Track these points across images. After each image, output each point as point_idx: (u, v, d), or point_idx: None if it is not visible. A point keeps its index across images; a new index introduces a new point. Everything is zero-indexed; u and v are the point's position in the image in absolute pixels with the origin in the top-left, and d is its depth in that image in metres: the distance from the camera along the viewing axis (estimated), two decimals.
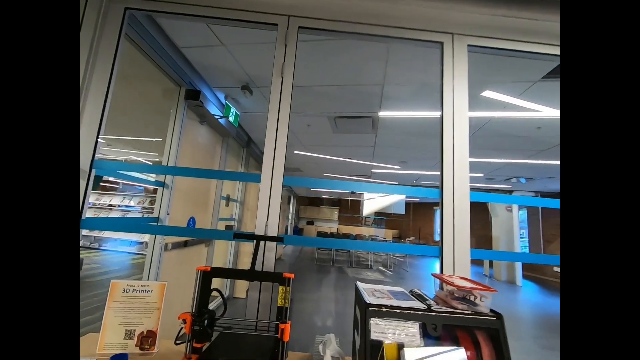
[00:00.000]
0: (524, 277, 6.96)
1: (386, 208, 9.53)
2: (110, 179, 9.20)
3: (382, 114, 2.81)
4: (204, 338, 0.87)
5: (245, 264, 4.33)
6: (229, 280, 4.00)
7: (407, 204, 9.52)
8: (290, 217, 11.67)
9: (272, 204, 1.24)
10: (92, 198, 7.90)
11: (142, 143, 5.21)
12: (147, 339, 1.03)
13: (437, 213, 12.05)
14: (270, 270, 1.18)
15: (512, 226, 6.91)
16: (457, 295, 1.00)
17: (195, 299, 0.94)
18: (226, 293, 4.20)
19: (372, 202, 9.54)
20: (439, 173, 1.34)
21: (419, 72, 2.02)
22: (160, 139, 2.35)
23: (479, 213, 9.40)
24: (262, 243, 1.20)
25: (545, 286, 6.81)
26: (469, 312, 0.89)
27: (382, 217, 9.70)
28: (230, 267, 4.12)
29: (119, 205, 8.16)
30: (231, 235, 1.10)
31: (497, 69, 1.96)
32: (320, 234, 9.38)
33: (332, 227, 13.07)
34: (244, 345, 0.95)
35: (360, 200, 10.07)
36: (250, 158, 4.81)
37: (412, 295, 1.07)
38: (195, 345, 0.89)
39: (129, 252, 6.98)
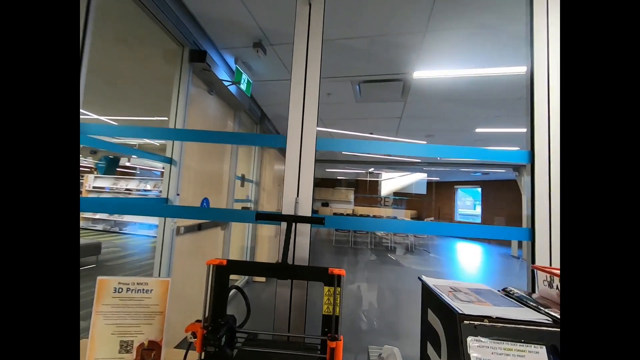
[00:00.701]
0: None
1: (406, 188, 9.12)
2: (127, 163, 9.23)
3: (418, 74, 2.39)
4: None
5: (263, 249, 4.15)
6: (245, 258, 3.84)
7: (428, 184, 9.06)
8: None
9: (303, 175, 0.94)
10: (108, 183, 7.95)
11: (154, 124, 5.00)
12: (149, 352, 0.78)
13: (459, 192, 11.54)
14: (303, 263, 0.90)
15: None
16: None
17: (207, 305, 0.67)
18: (243, 277, 4.05)
19: (391, 182, 9.15)
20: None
21: (477, 7, 1.59)
22: (167, 119, 2.07)
23: (508, 191, 8.85)
24: (294, 226, 0.90)
25: None
26: None
27: (403, 197, 9.33)
28: (248, 253, 3.95)
29: (136, 190, 8.20)
30: (253, 216, 0.81)
31: None
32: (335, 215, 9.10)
33: (348, 209, 12.85)
34: None
35: (378, 181, 9.70)
36: None
37: (508, 296, 0.76)
38: None
39: (148, 236, 7.04)
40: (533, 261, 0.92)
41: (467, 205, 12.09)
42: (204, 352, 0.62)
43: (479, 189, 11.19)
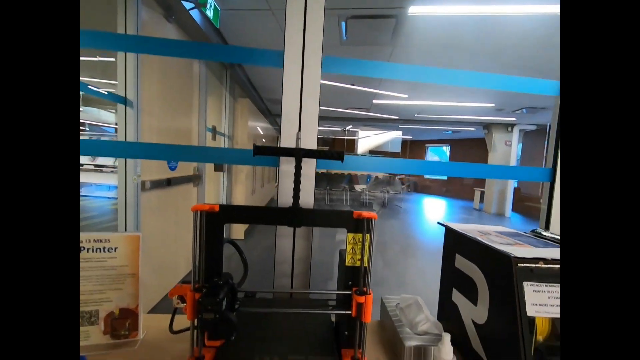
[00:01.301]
0: (514, 209, 7.21)
1: (381, 146, 9.19)
2: None
3: (414, 9, 2.12)
4: (226, 332, 0.47)
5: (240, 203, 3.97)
6: None
7: (402, 142, 9.21)
8: None
9: (306, 104, 0.74)
10: None
11: (95, 65, 4.21)
12: (121, 322, 0.63)
13: (429, 150, 11.95)
14: (309, 207, 0.75)
15: (509, 160, 6.86)
16: None
17: (197, 262, 0.51)
18: None
19: (367, 141, 9.13)
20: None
21: None
22: (113, 59, 1.64)
23: (476, 148, 9.29)
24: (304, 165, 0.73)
25: (530, 216, 7.15)
26: None
27: (378, 156, 9.44)
28: None
29: None
30: (248, 153, 0.62)
31: None
32: None
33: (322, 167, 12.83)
34: (291, 332, 0.57)
35: (354, 139, 9.62)
36: (236, 86, 4.03)
37: (539, 237, 0.70)
38: (209, 344, 0.50)
39: (108, 197, 6.46)
40: (550, 203, 0.87)
41: None
42: (198, 319, 0.48)
43: (446, 148, 11.67)
